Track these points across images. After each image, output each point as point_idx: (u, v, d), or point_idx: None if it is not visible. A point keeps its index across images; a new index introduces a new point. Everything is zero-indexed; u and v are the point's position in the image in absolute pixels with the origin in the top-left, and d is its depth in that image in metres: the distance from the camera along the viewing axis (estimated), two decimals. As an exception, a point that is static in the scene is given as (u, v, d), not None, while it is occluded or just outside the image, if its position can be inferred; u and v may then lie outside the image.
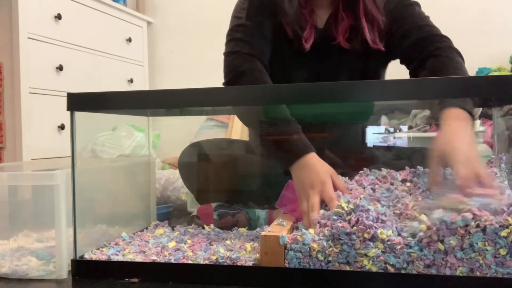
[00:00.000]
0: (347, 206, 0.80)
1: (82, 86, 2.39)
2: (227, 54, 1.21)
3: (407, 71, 1.22)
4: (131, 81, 2.85)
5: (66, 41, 2.34)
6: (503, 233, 0.73)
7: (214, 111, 1.82)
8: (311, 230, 0.83)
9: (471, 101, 0.99)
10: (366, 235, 0.77)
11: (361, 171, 0.98)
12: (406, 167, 0.97)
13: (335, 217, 0.80)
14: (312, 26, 1.21)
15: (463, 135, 0.93)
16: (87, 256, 0.92)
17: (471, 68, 2.37)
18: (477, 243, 0.74)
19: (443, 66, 1.11)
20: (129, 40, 2.85)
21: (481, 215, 0.74)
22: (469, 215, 0.75)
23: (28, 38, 2.10)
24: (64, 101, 0.91)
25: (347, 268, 0.78)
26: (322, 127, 1.26)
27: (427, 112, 2.20)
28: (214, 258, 0.86)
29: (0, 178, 0.91)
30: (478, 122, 1.52)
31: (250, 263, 0.83)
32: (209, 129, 2.59)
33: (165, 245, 0.95)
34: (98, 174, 1.06)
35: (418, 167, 0.96)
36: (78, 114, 0.91)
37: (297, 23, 1.20)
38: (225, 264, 0.84)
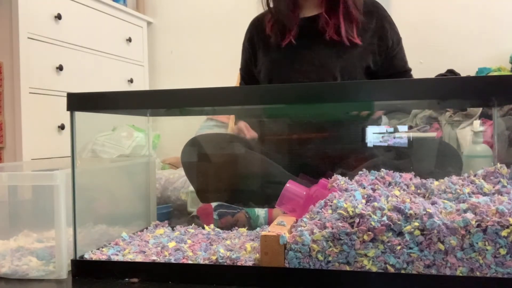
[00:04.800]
0: (352, 211, 0.80)
1: (82, 86, 2.39)
2: None
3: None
4: (131, 81, 2.85)
5: (66, 41, 2.34)
6: (504, 233, 0.73)
7: (214, 111, 1.81)
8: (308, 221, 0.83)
9: None
10: (366, 237, 0.77)
11: (360, 172, 0.98)
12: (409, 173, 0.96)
13: (336, 217, 0.80)
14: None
15: None
16: (87, 256, 0.91)
17: (471, 68, 2.37)
18: (477, 243, 0.74)
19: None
20: (129, 40, 2.85)
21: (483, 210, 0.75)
22: (469, 215, 0.75)
23: (28, 38, 2.10)
24: (64, 101, 0.91)
25: (347, 268, 0.78)
26: (322, 127, 1.26)
27: (427, 112, 2.20)
28: (214, 258, 0.86)
29: (0, 178, 0.91)
30: (478, 122, 1.52)
31: (250, 263, 0.83)
32: (209, 129, 2.58)
33: (165, 245, 0.95)
34: (98, 174, 1.06)
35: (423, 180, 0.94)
36: (78, 114, 0.91)
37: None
38: (225, 264, 0.84)
